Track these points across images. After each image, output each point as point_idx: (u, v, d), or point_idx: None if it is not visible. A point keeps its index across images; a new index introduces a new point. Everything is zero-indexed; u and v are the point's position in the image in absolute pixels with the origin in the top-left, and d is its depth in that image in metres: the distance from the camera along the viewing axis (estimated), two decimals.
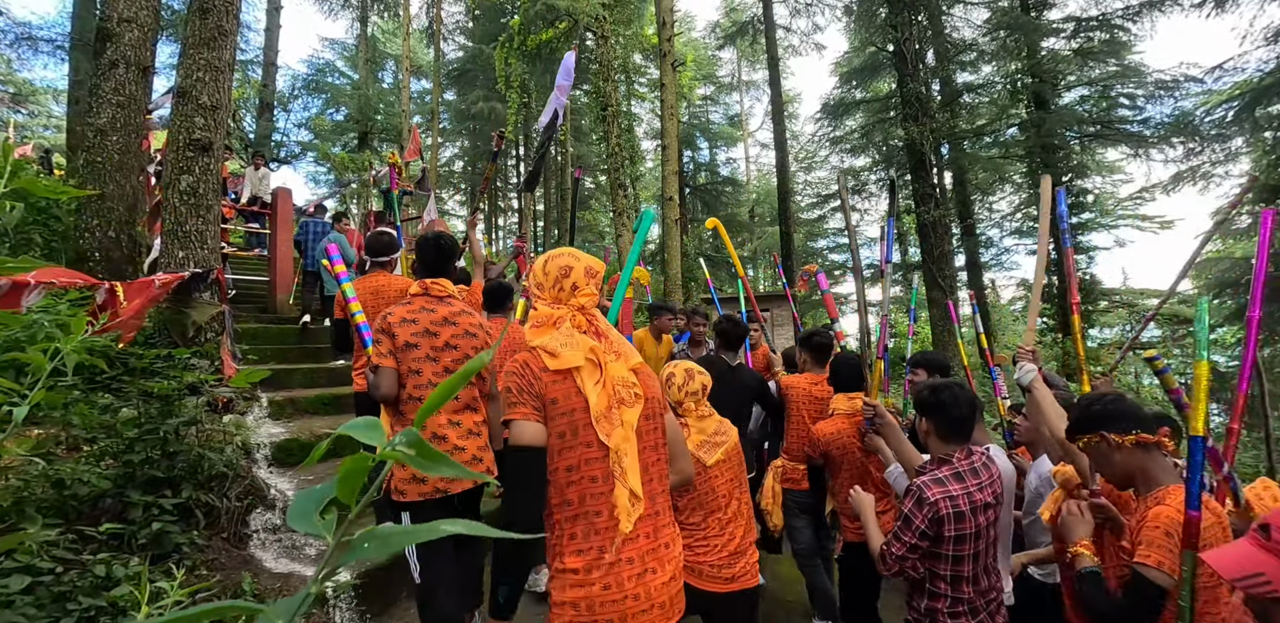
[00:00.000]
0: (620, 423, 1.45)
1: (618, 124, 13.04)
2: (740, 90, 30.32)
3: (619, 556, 1.41)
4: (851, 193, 18.34)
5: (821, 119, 16.69)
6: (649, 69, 21.56)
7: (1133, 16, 14.15)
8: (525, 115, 23.53)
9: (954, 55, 14.91)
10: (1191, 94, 14.43)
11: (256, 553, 3.02)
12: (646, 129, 24.79)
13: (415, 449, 0.34)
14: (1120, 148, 14.73)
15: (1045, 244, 2.58)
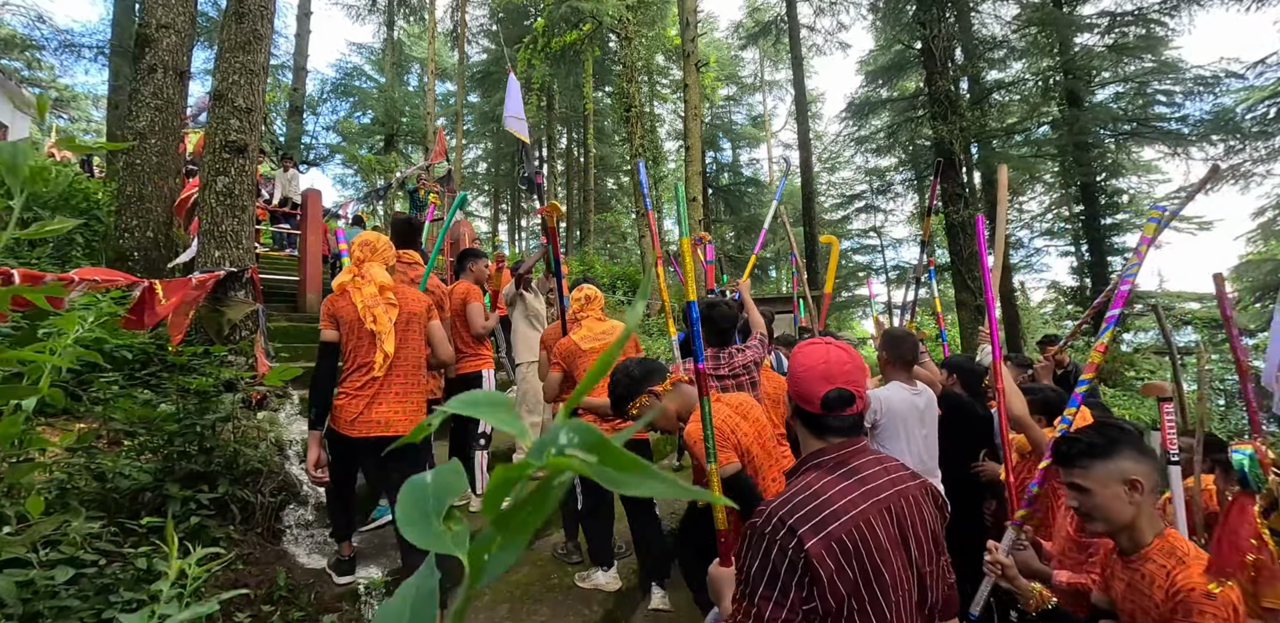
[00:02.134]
0: (375, 319, 2.62)
1: (641, 125, 13.03)
2: (763, 90, 30.14)
3: (368, 390, 2.63)
4: (877, 194, 18.12)
5: (846, 118, 16.50)
6: (672, 70, 21.54)
7: (1170, 10, 13.74)
8: (549, 118, 23.67)
9: (983, 52, 14.63)
10: (1232, 90, 13.98)
11: (290, 548, 3.05)
12: (669, 130, 24.78)
13: (598, 453, 0.22)
14: (1157, 146, 14.31)
15: (1004, 228, 2.84)
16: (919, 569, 1.18)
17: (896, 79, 16.17)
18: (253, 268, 4.37)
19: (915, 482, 1.25)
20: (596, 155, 23.11)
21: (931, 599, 1.20)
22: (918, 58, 14.18)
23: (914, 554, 1.17)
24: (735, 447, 2.07)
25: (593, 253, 19.33)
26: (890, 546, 1.13)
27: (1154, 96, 14.21)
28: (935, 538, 1.23)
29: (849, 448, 1.24)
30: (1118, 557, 1.53)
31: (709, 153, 24.26)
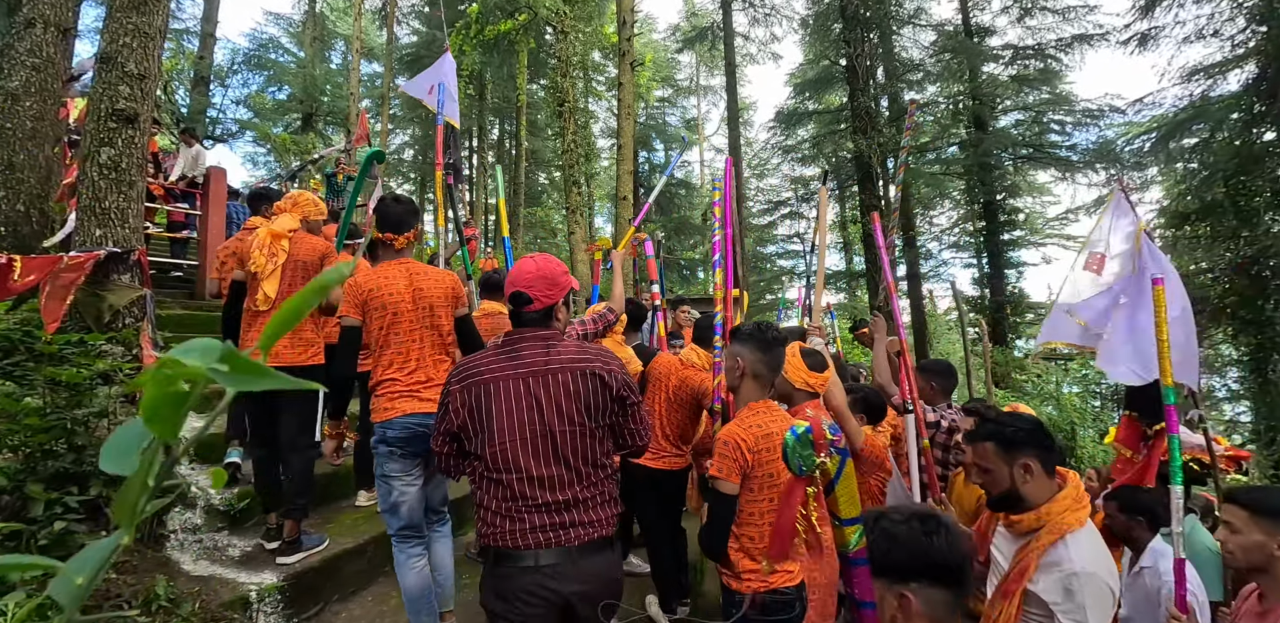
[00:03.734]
0: (254, 261, 2.93)
1: (574, 121, 12.93)
2: (698, 94, 30.62)
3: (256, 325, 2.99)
4: (801, 201, 18.82)
5: (774, 127, 17.03)
6: (608, 67, 21.50)
7: (1065, 48, 15.05)
8: (480, 107, 23.06)
9: (902, 73, 15.49)
10: (1114, 124, 15.46)
11: (174, 555, 2.83)
12: (603, 127, 24.72)
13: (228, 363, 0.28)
14: (1050, 171, 15.65)
15: (824, 243, 3.36)
16: (550, 426, 1.63)
17: (822, 93, 16.85)
18: (140, 250, 4.01)
19: (574, 365, 1.67)
20: (528, 149, 22.73)
21: (571, 449, 1.64)
22: (843, 74, 14.82)
23: (545, 412, 1.63)
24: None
25: (521, 247, 19.03)
26: (510, 397, 1.63)
27: (1048, 125, 15.52)
28: (581, 406, 1.65)
29: (519, 335, 1.73)
30: None
31: (642, 153, 24.39)
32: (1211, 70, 13.18)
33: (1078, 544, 1.51)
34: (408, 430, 2.38)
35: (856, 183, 14.23)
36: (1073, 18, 15.02)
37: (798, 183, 18.82)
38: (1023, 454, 1.63)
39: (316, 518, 3.53)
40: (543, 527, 1.60)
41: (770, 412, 2.01)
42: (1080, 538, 1.53)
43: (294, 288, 2.93)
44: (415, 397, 2.42)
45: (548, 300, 1.73)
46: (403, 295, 2.49)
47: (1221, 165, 12.00)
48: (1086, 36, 14.79)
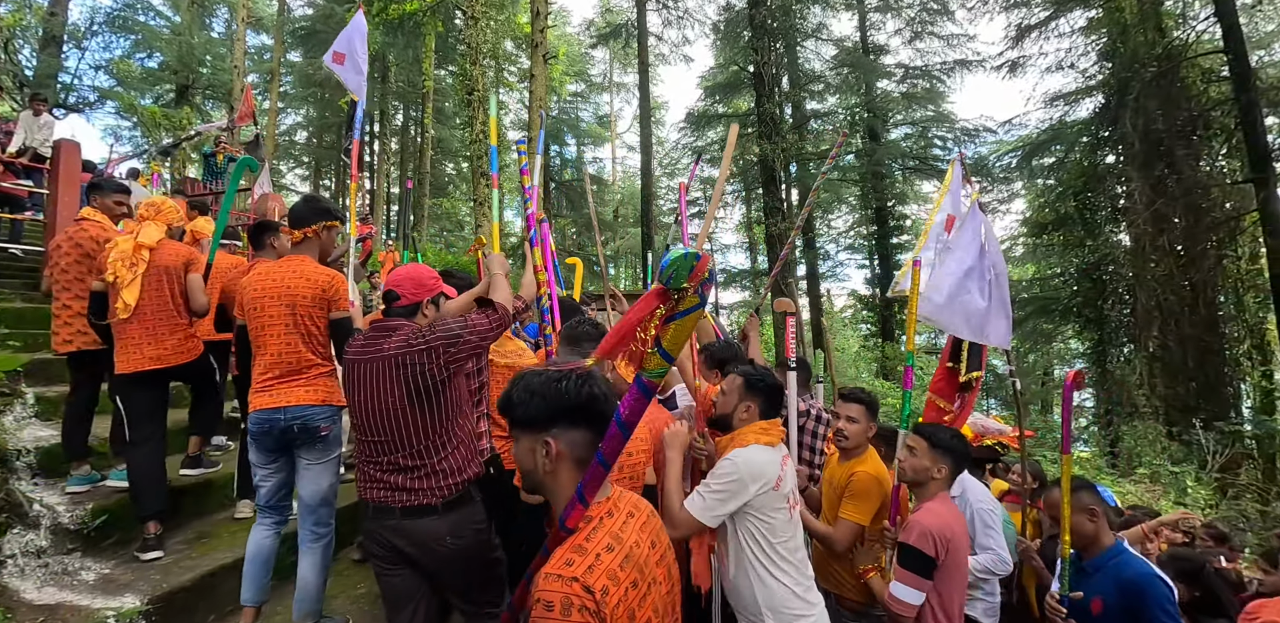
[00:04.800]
0: (114, 273, 2.93)
1: (483, 110, 12.58)
2: (611, 91, 30.63)
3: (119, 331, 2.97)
4: (709, 201, 19.33)
5: (685, 128, 17.39)
6: (520, 58, 21.06)
7: (948, 71, 16.40)
8: (383, 91, 21.88)
9: (805, 83, 16.28)
10: (987, 142, 17.03)
11: (14, 582, 2.51)
12: (514, 119, 24.18)
13: None
14: (933, 181, 17.02)
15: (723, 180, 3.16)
16: (381, 402, 1.88)
17: (731, 97, 17.38)
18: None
19: (389, 351, 1.89)
20: (434, 137, 21.86)
21: (398, 422, 1.87)
22: (750, 80, 15.35)
23: (377, 389, 1.88)
24: None
25: (425, 240, 18.30)
26: (356, 375, 1.92)
27: (932, 140, 16.87)
28: (408, 386, 1.87)
29: (382, 322, 1.98)
30: None
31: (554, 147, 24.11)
32: (1068, 98, 14.82)
33: (745, 449, 1.93)
34: (258, 426, 2.46)
35: (761, 185, 14.80)
36: (955, 44, 16.38)
37: (707, 184, 19.33)
38: (751, 399, 2.05)
39: (190, 532, 3.25)
40: (378, 486, 1.88)
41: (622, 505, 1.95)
42: (750, 447, 1.94)
43: (159, 294, 3.01)
44: (268, 393, 2.46)
45: (413, 298, 2.05)
46: (269, 294, 2.47)
47: (1072, 183, 13.54)
48: (966, 62, 16.18)
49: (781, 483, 1.94)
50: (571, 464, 1.18)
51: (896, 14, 16.70)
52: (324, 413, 2.48)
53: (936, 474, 2.11)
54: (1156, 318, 11.20)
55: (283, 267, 2.52)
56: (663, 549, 1.23)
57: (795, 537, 2.00)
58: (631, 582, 1.08)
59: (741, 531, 1.93)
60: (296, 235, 2.57)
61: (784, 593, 1.89)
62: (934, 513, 2.02)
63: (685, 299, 1.22)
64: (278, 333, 2.46)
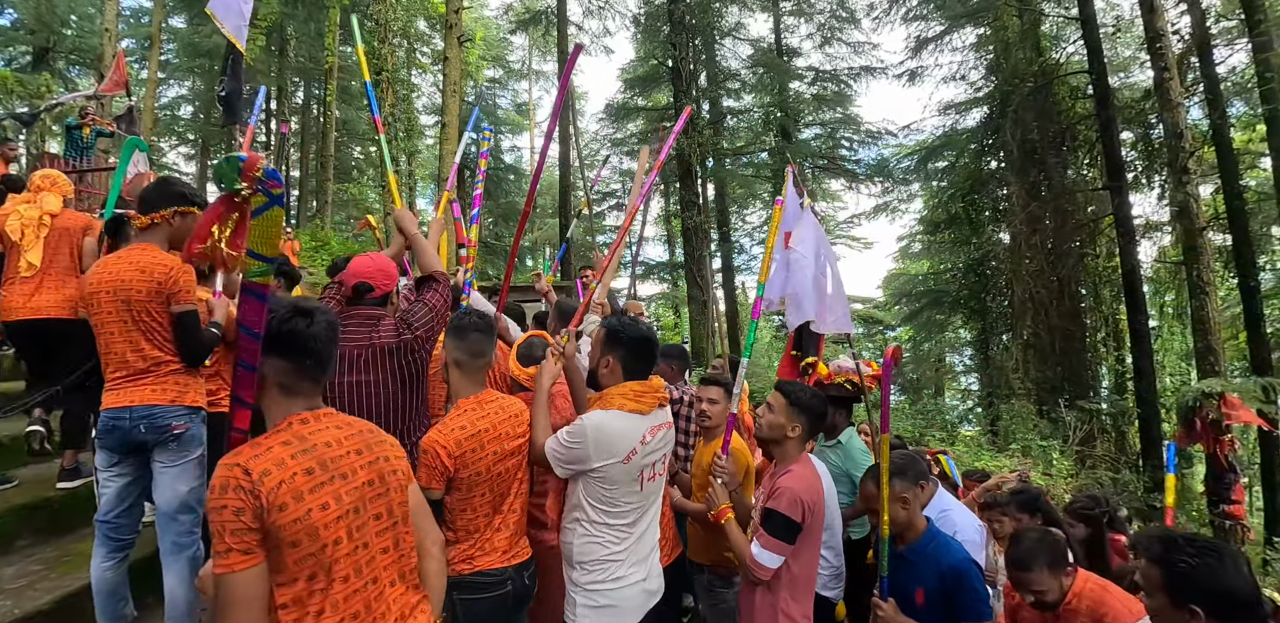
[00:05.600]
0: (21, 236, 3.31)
1: (393, 92, 12.01)
2: (530, 79, 30.03)
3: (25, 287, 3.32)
4: (627, 194, 19.39)
5: (604, 120, 17.34)
6: (434, 39, 20.23)
7: (854, 76, 17.23)
8: (281, 65, 20.39)
9: (722, 81, 16.63)
10: (889, 145, 18.09)
11: None
12: (427, 103, 23.20)
13: None
14: (840, 180, 17.90)
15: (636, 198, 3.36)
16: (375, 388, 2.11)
17: (650, 91, 17.49)
18: None
19: (383, 340, 2.10)
20: (339, 118, 20.64)
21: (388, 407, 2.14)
22: (669, 74, 15.50)
23: (366, 378, 2.08)
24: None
25: (329, 228, 17.30)
26: (345, 367, 2.05)
27: (840, 141, 17.69)
28: (398, 372, 2.14)
29: (362, 311, 2.14)
30: None
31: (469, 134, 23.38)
32: (959, 107, 15.98)
33: (603, 413, 1.91)
34: (103, 424, 2.30)
35: (678, 179, 15.02)
36: (862, 51, 17.24)
37: (626, 176, 19.38)
38: (610, 351, 2.01)
39: (52, 549, 2.92)
40: None
41: (481, 408, 1.96)
42: (610, 412, 1.91)
43: (59, 254, 3.36)
44: (115, 392, 2.28)
45: (386, 288, 2.18)
46: (104, 288, 2.24)
47: (961, 185, 14.66)
48: (871, 68, 17.07)
49: (634, 456, 1.87)
50: (276, 390, 1.30)
51: (809, 18, 17.36)
52: (173, 412, 2.28)
53: (791, 432, 2.09)
54: (1029, 309, 12.38)
55: (122, 258, 2.28)
56: (373, 458, 1.34)
57: (640, 509, 1.95)
58: (305, 469, 1.20)
59: (582, 489, 1.92)
60: (143, 221, 2.33)
61: (601, 554, 1.88)
62: (802, 478, 2.01)
63: (253, 199, 1.28)
64: (116, 330, 2.25)
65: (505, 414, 2.00)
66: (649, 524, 2.01)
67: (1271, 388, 8.75)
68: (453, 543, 1.90)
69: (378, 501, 1.31)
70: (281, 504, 1.14)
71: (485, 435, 1.91)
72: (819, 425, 2.16)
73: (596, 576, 1.88)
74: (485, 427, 1.92)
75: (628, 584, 1.90)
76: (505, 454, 1.95)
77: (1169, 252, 14.23)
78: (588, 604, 1.87)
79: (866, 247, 19.90)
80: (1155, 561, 1.40)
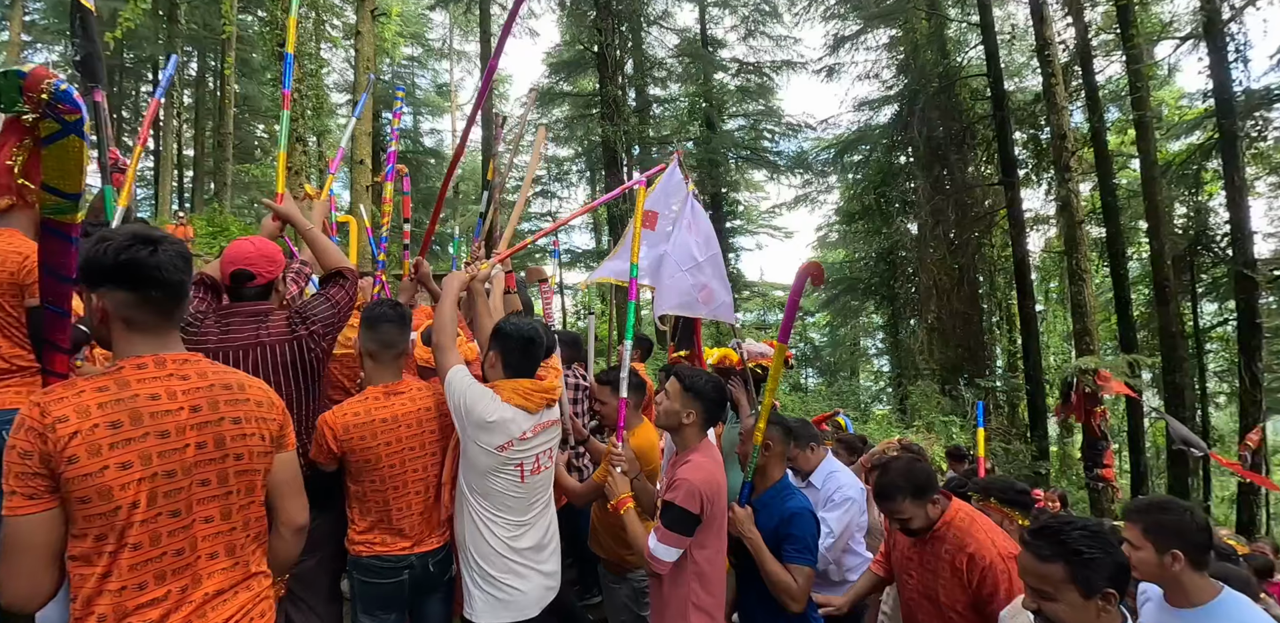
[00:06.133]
0: None
1: (299, 66, 11.26)
2: (451, 59, 28.91)
3: None
4: (555, 180, 19.16)
5: (527, 104, 16.97)
6: (346, 11, 19.09)
7: (777, 69, 17.71)
8: (170, 33, 18.64)
9: (648, 68, 16.65)
10: (809, 138, 18.73)
11: None
12: (338, 80, 21.92)
13: None
14: (763, 171, 18.41)
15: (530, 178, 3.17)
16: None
17: (576, 76, 17.27)
18: None
19: (273, 337, 1.90)
20: (239, 93, 19.16)
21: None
22: (595, 60, 15.36)
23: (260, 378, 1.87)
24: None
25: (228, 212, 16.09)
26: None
27: (762, 133, 18.18)
28: (294, 373, 1.96)
29: (232, 309, 1.91)
30: None
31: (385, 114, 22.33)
32: (873, 104, 16.76)
33: (488, 388, 1.92)
34: None
35: (604, 167, 14.97)
36: (784, 45, 17.72)
37: (551, 162, 19.12)
38: (496, 348, 2.01)
39: None
40: None
41: (386, 398, 1.93)
42: (491, 390, 1.91)
43: None
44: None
45: (269, 276, 1.94)
46: None
47: (873, 178, 15.45)
48: (792, 63, 17.59)
49: (509, 448, 1.87)
50: (120, 326, 1.18)
51: (733, 10, 17.64)
52: None
53: (686, 419, 2.00)
54: (934, 295, 13.29)
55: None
56: (214, 418, 1.20)
57: (527, 501, 1.95)
58: (110, 422, 1.08)
59: (465, 482, 1.92)
60: (2, 203, 1.97)
61: (494, 557, 1.89)
62: (700, 468, 1.94)
63: (42, 125, 1.17)
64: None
65: (414, 406, 1.97)
66: (540, 515, 2.01)
67: (1136, 363, 9.79)
68: (351, 523, 1.96)
69: (207, 466, 1.17)
70: (72, 456, 1.04)
71: (381, 426, 1.89)
72: (717, 412, 2.08)
73: (491, 569, 1.89)
74: (384, 416, 1.90)
75: (523, 578, 1.92)
76: (404, 446, 1.93)
77: (1054, 243, 15.59)
78: (484, 597, 1.89)
79: (788, 236, 20.62)
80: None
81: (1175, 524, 1.63)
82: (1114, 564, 1.35)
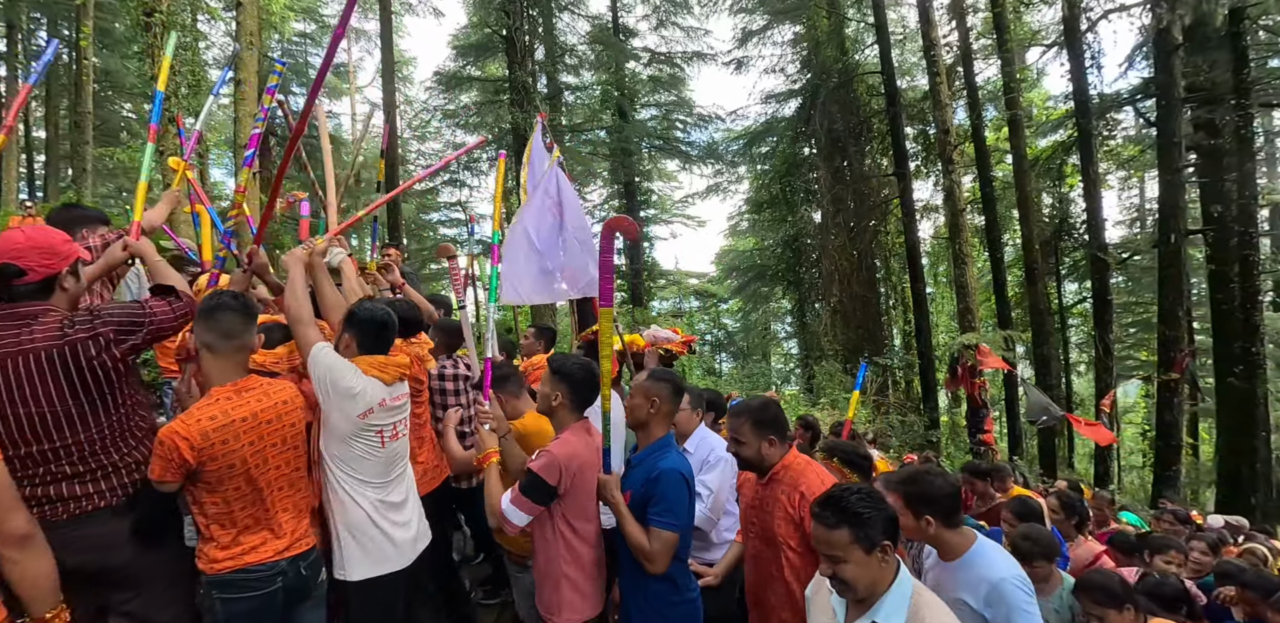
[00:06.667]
0: None
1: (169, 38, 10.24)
2: (349, 38, 27.20)
3: None
4: (464, 169, 18.58)
5: (433, 88, 16.37)
6: None
7: (688, 60, 17.94)
8: None
9: (560, 55, 16.40)
10: (720, 129, 19.16)
11: None
12: (219, 56, 20.13)
13: None
14: (675, 161, 18.68)
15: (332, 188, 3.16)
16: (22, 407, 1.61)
17: (484, 60, 16.76)
18: None
19: (38, 343, 1.59)
20: (99, 67, 17.20)
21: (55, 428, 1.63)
22: (503, 44, 14.96)
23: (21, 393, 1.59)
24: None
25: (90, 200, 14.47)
26: None
27: (674, 123, 18.41)
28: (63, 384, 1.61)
29: (8, 308, 1.60)
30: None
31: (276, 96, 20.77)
32: (779, 97, 17.36)
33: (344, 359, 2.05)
34: None
35: (513, 155, 14.67)
36: (695, 36, 17.96)
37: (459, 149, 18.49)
38: (348, 331, 2.12)
39: None
40: (38, 502, 1.60)
41: (239, 396, 1.80)
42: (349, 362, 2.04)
43: None
44: None
45: (45, 271, 1.63)
46: None
47: (779, 168, 16.06)
48: (702, 54, 17.87)
49: (370, 415, 2.01)
50: None
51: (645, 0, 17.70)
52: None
53: (554, 401, 2.07)
54: (835, 280, 14.08)
55: None
56: None
57: (387, 462, 2.10)
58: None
59: (326, 457, 2.02)
60: None
61: (360, 517, 2.02)
62: (567, 444, 1.99)
63: None
64: None
65: (270, 401, 1.85)
66: (400, 478, 2.18)
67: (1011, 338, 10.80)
68: (207, 540, 1.78)
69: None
70: None
71: (241, 425, 1.76)
72: (585, 394, 2.10)
73: (358, 529, 2.02)
74: (243, 415, 1.77)
75: (388, 534, 2.06)
76: (266, 444, 1.83)
77: (941, 230, 16.85)
78: (354, 554, 2.02)
79: (701, 225, 21.14)
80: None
81: (924, 494, 1.90)
82: (885, 519, 1.49)
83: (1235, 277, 10.14)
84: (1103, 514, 4.84)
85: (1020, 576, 1.86)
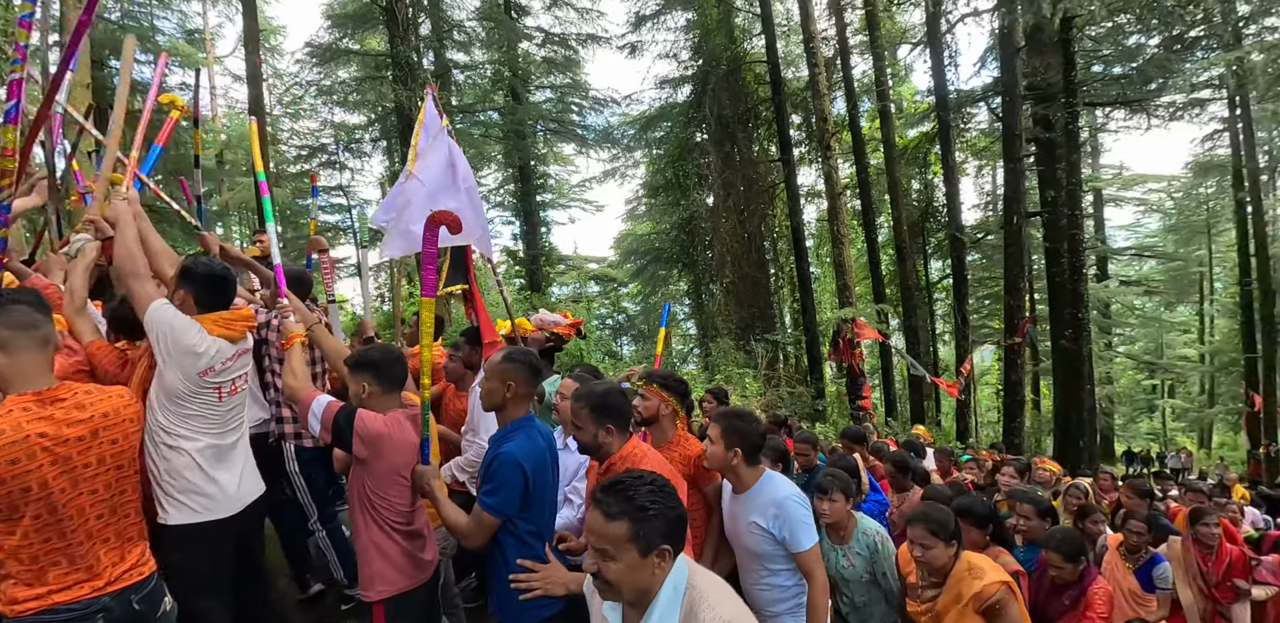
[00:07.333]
0: None
1: None
2: (205, 2, 24.48)
3: None
4: (345, 150, 17.46)
5: (304, 61, 15.17)
6: None
7: (582, 42, 17.70)
8: None
9: (447, 30, 15.68)
10: (615, 113, 19.14)
11: None
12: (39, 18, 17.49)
13: None
14: (572, 145, 18.50)
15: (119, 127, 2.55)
16: None
17: (362, 32, 15.72)
18: None
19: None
20: None
21: None
22: (383, 16, 14.11)
23: None
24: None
25: None
26: None
27: (570, 106, 18.16)
28: None
29: None
30: None
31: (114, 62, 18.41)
32: (672, 82, 17.58)
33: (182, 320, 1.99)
34: None
35: (398, 135, 14.00)
36: (589, 18, 17.68)
37: (340, 129, 17.36)
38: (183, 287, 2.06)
39: None
40: None
41: (42, 407, 1.54)
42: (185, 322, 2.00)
43: None
44: None
45: None
46: None
47: (673, 153, 16.39)
48: (597, 37, 17.69)
49: (209, 374, 2.00)
50: None
51: None
52: None
53: (364, 394, 2.07)
54: (728, 261, 14.69)
55: None
56: None
57: (223, 417, 2.09)
58: None
59: (156, 406, 1.98)
60: None
61: (183, 462, 1.99)
62: (379, 419, 1.99)
63: None
64: None
65: (85, 414, 1.58)
66: (234, 430, 2.17)
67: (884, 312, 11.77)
68: (6, 577, 1.52)
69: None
70: None
71: (40, 442, 1.48)
72: (390, 373, 2.12)
73: (196, 481, 2.00)
74: (42, 430, 1.49)
75: (216, 482, 2.04)
76: (78, 464, 1.56)
77: (824, 213, 17.94)
78: (180, 504, 1.99)
79: (599, 209, 21.17)
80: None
81: (742, 429, 2.14)
82: (673, 519, 1.26)
83: (1065, 253, 11.61)
84: (945, 465, 5.55)
85: (799, 494, 2.15)
